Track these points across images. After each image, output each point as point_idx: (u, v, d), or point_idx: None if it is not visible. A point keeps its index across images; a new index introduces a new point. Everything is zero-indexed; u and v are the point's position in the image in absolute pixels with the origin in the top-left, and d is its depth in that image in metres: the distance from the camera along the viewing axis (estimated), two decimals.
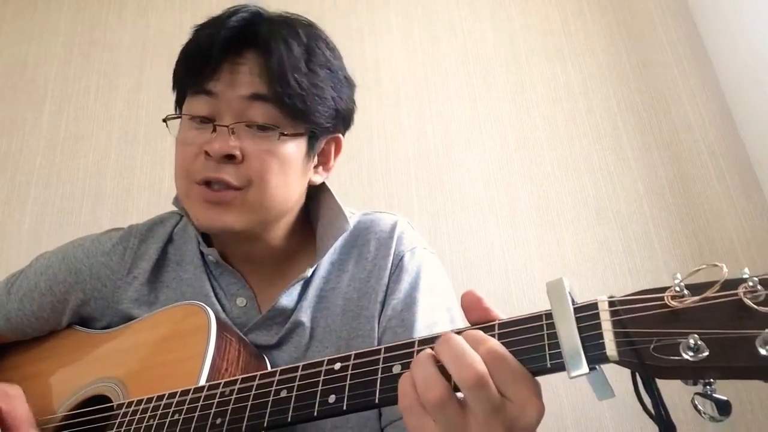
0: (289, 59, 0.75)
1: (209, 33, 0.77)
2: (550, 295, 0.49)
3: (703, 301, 0.42)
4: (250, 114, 0.76)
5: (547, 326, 0.48)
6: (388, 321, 0.79)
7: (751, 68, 1.55)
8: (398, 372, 0.51)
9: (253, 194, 0.76)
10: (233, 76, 0.76)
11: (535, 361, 0.47)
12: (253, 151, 0.75)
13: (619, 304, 0.46)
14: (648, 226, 1.58)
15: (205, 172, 0.75)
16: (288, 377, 0.57)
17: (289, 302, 0.82)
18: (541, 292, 1.60)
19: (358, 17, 1.92)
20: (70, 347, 0.87)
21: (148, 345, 0.78)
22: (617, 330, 0.45)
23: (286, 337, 0.81)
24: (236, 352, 0.73)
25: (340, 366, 0.55)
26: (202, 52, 0.76)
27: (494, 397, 0.46)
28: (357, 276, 0.84)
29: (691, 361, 0.41)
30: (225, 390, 0.60)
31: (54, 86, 1.96)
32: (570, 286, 0.49)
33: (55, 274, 0.88)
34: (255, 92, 0.75)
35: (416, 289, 0.81)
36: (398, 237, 0.86)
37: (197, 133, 0.77)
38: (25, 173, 1.83)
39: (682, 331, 0.42)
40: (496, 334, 0.50)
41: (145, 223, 0.93)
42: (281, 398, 0.55)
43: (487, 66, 1.84)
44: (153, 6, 2.06)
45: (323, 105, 0.79)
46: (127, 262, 0.87)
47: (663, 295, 0.44)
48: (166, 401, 0.64)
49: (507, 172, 1.69)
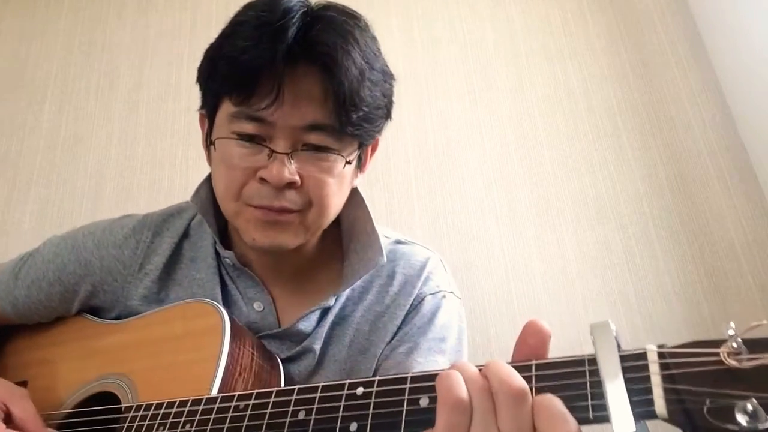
0: (352, 84, 0.68)
1: (262, 44, 0.67)
2: (596, 340, 0.45)
3: (764, 362, 0.39)
4: (309, 139, 0.70)
5: (590, 373, 0.44)
6: (384, 360, 0.77)
7: (751, 68, 1.55)
8: (426, 406, 0.48)
9: (312, 215, 0.73)
10: (292, 105, 0.68)
11: (577, 411, 0.43)
12: (311, 176, 0.71)
13: (669, 357, 0.43)
14: (648, 226, 1.58)
15: (264, 200, 0.70)
16: (306, 398, 0.54)
17: (306, 327, 0.79)
18: (542, 292, 1.60)
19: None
20: (77, 335, 0.84)
21: (159, 342, 0.76)
22: (667, 386, 0.42)
23: (296, 358, 0.79)
24: (250, 357, 0.71)
25: (362, 392, 0.52)
26: (256, 68, 0.67)
27: (527, 420, 0.43)
28: (373, 308, 0.81)
29: (749, 428, 0.38)
30: (239, 404, 0.57)
31: (54, 86, 1.96)
32: (616, 330, 0.46)
33: (64, 264, 0.84)
34: (314, 122, 0.69)
35: (423, 336, 0.77)
36: (426, 277, 0.82)
37: (245, 153, 0.71)
38: (25, 173, 1.83)
39: (740, 394, 0.39)
40: (533, 376, 0.46)
41: (161, 213, 0.88)
42: (299, 420, 0.53)
43: (487, 66, 1.84)
44: (153, 6, 2.06)
45: (380, 118, 0.75)
46: (139, 257, 0.83)
47: (718, 350, 0.41)
48: (177, 409, 0.62)
49: (507, 172, 1.69)
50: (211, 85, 0.74)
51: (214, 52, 0.74)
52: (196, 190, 0.83)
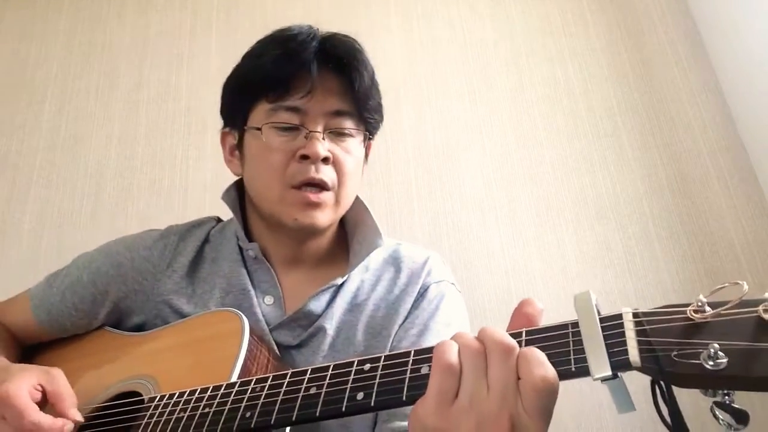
0: (365, 79, 0.87)
1: (292, 52, 0.84)
2: (578, 306, 0.51)
3: (723, 315, 0.44)
4: (335, 124, 0.86)
5: (572, 334, 0.50)
6: (399, 342, 0.83)
7: (751, 68, 1.56)
8: (426, 372, 0.53)
9: (341, 193, 0.86)
10: (322, 96, 0.84)
11: (561, 365, 0.48)
12: (338, 154, 0.85)
13: (643, 316, 0.48)
14: (648, 226, 1.58)
15: (306, 174, 0.82)
16: (319, 375, 0.59)
17: (317, 308, 0.85)
18: (542, 292, 1.60)
19: (358, 17, 1.92)
20: (101, 348, 0.90)
21: (183, 346, 0.80)
22: (640, 339, 0.47)
23: (307, 341, 0.84)
24: (266, 360, 0.77)
25: (369, 366, 0.57)
26: (292, 71, 0.83)
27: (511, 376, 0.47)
28: (386, 298, 0.89)
29: (711, 369, 0.42)
30: (256, 387, 0.62)
31: (54, 86, 1.96)
32: (596, 299, 0.51)
33: (98, 267, 0.91)
34: (339, 109, 0.85)
35: (432, 319, 0.85)
36: (428, 269, 0.92)
37: (285, 140, 0.84)
38: (25, 173, 1.83)
39: (703, 342, 0.44)
40: (523, 341, 0.52)
41: (184, 224, 0.99)
42: (311, 395, 0.58)
43: (487, 66, 1.84)
44: (153, 6, 2.06)
45: (378, 113, 0.92)
46: (167, 257, 0.91)
47: (685, 309, 0.46)
48: (198, 395, 0.66)
49: (507, 172, 1.69)
50: (243, 96, 0.88)
51: (240, 70, 0.90)
52: (226, 190, 0.95)
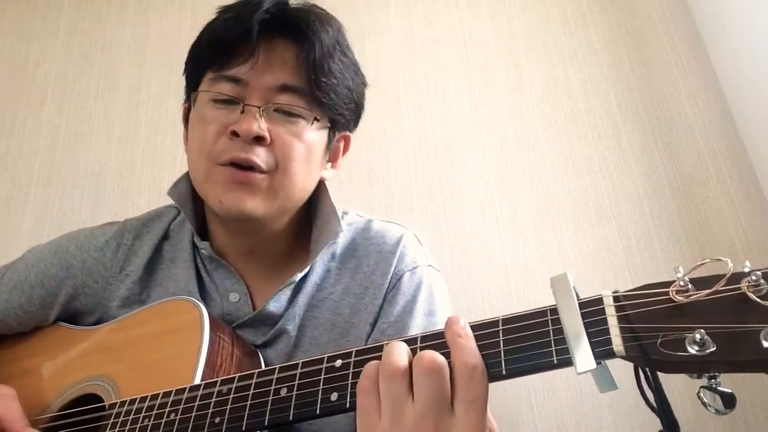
0: (322, 52, 0.75)
1: (240, 16, 0.74)
2: (555, 290, 0.48)
3: (708, 296, 0.42)
4: (279, 100, 0.74)
5: (552, 322, 0.48)
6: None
7: (751, 68, 1.55)
8: None
9: (279, 179, 0.74)
10: (266, 65, 0.74)
11: (542, 357, 0.46)
12: (281, 135, 0.74)
13: (624, 299, 0.46)
14: (648, 226, 1.58)
15: (232, 152, 0.72)
16: (287, 375, 0.55)
17: (277, 308, 0.79)
18: (541, 292, 1.60)
19: (358, 17, 1.92)
20: (57, 344, 0.84)
21: (139, 342, 0.75)
22: (623, 326, 0.44)
23: (272, 342, 0.79)
24: (230, 348, 0.72)
25: (341, 363, 0.54)
26: (234, 36, 0.74)
27: (444, 394, 0.46)
28: (352, 290, 0.81)
29: (698, 355, 0.41)
30: (222, 389, 0.58)
31: (54, 86, 1.96)
32: (574, 280, 0.49)
33: (47, 267, 0.85)
34: (285, 83, 0.74)
35: (410, 314, 0.78)
36: (401, 253, 0.82)
37: (220, 113, 0.74)
38: (25, 173, 1.83)
39: (689, 326, 0.42)
40: (500, 330, 0.49)
41: (141, 217, 0.90)
42: (282, 397, 0.54)
43: (487, 66, 1.84)
44: (153, 6, 2.06)
45: (346, 98, 0.79)
46: (120, 259, 0.84)
47: (668, 290, 0.44)
48: (161, 401, 0.62)
49: (507, 172, 1.69)
50: (194, 64, 0.80)
51: (198, 38, 0.81)
52: (174, 183, 0.85)
